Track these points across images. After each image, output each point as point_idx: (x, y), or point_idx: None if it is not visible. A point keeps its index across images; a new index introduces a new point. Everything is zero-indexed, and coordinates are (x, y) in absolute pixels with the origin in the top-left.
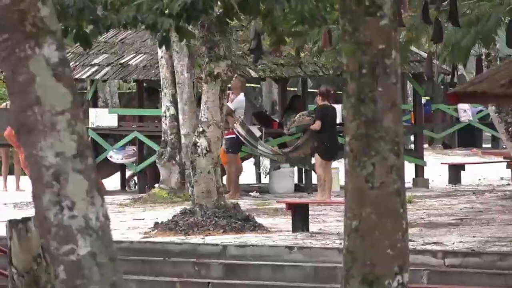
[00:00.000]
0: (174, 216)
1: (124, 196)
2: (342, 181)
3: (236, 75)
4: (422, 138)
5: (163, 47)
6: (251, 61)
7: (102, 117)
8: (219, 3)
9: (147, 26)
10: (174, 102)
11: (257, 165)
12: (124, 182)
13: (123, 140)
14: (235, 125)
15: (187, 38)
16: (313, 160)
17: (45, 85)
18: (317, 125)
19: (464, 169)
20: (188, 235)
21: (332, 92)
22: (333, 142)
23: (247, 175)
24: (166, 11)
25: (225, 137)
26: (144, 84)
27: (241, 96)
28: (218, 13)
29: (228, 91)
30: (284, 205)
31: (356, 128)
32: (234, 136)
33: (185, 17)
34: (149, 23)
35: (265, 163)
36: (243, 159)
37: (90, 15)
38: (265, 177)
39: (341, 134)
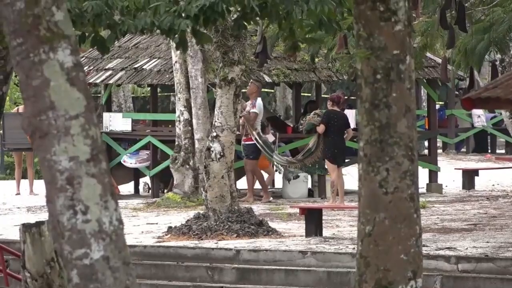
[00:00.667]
0: (188, 220)
1: (138, 200)
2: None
3: (251, 80)
4: (436, 143)
5: (178, 52)
6: (267, 66)
7: (116, 122)
8: (237, 6)
9: (163, 31)
10: (188, 107)
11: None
12: (137, 186)
13: (137, 145)
14: (253, 132)
15: (203, 41)
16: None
17: (59, 89)
18: (320, 129)
19: (478, 175)
20: (202, 239)
21: (346, 98)
22: (339, 147)
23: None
24: (183, 14)
25: (244, 143)
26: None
27: (259, 100)
28: (235, 17)
29: (245, 102)
30: (297, 210)
31: (370, 133)
32: (253, 142)
33: (203, 20)
34: (166, 27)
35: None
36: None
37: (108, 21)
38: (289, 183)
39: (355, 139)
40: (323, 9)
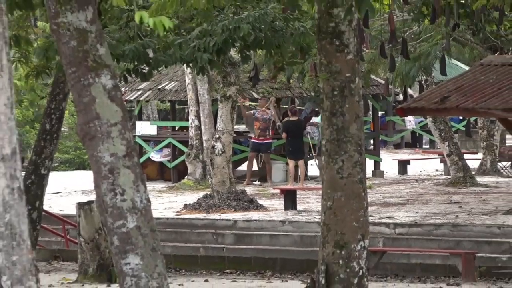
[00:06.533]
0: (198, 199)
1: (162, 185)
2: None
3: (261, 96)
4: (379, 141)
5: (190, 76)
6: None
7: (145, 128)
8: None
9: (187, 63)
10: (198, 117)
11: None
12: (163, 175)
13: (161, 144)
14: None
15: (216, 68)
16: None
17: (103, 104)
18: (283, 136)
19: (409, 164)
20: (208, 213)
21: (315, 110)
22: (294, 147)
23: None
24: (202, 48)
25: (263, 142)
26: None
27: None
28: (239, 47)
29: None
30: (278, 191)
31: (330, 134)
32: (270, 141)
33: (217, 52)
34: (189, 59)
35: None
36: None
37: (145, 60)
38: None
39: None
40: (305, 39)
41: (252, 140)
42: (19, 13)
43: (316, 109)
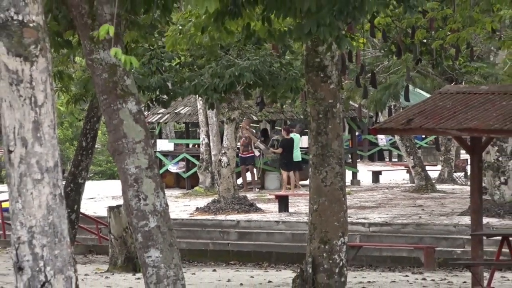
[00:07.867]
0: (208, 203)
1: (178, 191)
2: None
3: (245, 117)
4: (356, 155)
5: (201, 103)
6: (254, 110)
7: (164, 145)
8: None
9: (200, 95)
10: (207, 135)
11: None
12: (178, 183)
13: (177, 158)
14: (257, 141)
15: (223, 102)
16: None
17: (129, 125)
18: (278, 151)
19: (381, 174)
20: (216, 215)
21: (302, 129)
22: (289, 160)
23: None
24: (213, 88)
25: (246, 156)
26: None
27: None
28: (243, 86)
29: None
30: (273, 196)
31: (316, 150)
32: (252, 155)
33: (224, 91)
34: (203, 95)
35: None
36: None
37: (165, 90)
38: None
39: (307, 153)
40: (296, 83)
41: (239, 155)
42: (62, 51)
43: (306, 130)
